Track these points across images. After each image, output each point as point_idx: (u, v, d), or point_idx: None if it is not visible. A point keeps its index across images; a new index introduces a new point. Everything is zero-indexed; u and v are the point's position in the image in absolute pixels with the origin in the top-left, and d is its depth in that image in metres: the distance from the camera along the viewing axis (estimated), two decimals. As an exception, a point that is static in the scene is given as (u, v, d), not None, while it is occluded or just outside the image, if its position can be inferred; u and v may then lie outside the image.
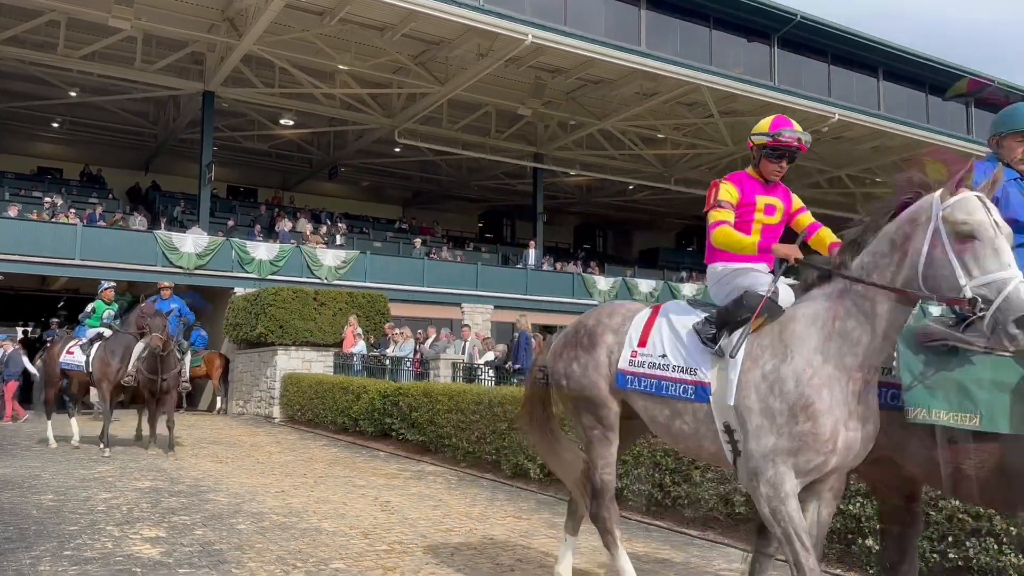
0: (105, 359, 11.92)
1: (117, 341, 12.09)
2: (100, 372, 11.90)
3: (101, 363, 11.92)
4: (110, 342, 12.12)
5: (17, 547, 6.03)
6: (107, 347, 12.05)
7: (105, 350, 12.01)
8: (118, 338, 12.14)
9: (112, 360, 11.86)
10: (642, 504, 7.77)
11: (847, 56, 26.76)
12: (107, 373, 11.83)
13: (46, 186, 25.68)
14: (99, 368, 11.91)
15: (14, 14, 19.28)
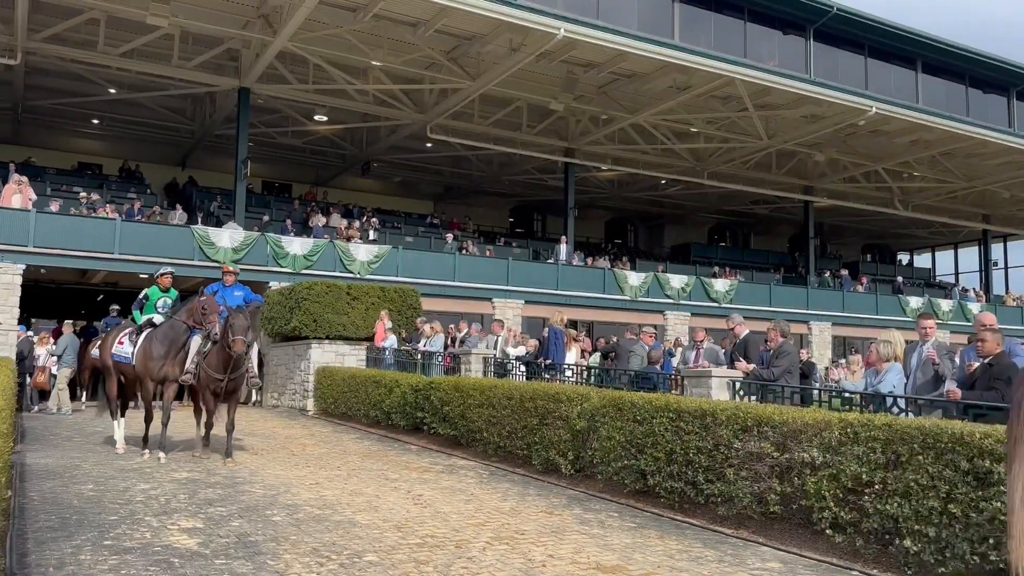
0: (148, 351, 10.52)
1: (165, 332, 10.59)
2: (142, 365, 10.56)
3: (143, 355, 10.56)
4: (157, 332, 10.65)
5: (59, 536, 6.16)
6: (153, 337, 10.59)
7: (150, 341, 10.57)
8: (166, 328, 10.65)
9: (155, 352, 10.45)
10: (675, 501, 7.73)
11: (885, 48, 26.30)
12: (149, 368, 10.47)
13: (86, 182, 26.16)
14: (140, 361, 10.58)
15: (55, 12, 19.65)
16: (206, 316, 10.24)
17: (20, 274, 18.55)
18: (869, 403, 7.89)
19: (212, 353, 10.35)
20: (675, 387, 11.33)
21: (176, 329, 10.58)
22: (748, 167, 30.76)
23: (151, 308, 11.25)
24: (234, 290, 11.55)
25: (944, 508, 5.49)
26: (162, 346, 10.51)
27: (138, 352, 10.65)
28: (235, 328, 9.99)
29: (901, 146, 28.74)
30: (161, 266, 11.94)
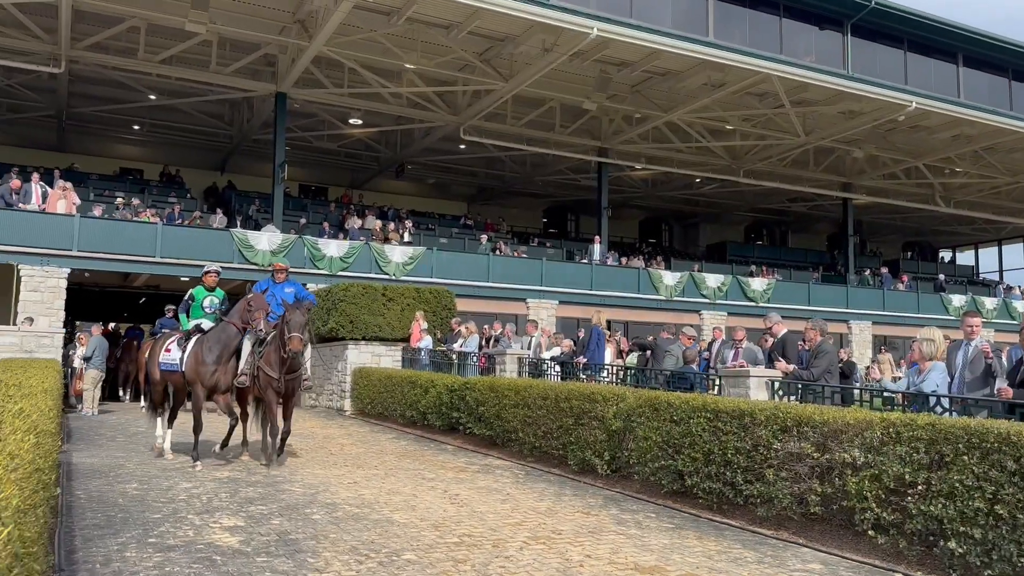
0: (198, 356, 9.91)
1: (215, 336, 10.00)
2: (192, 372, 9.95)
3: (193, 361, 9.96)
4: (207, 336, 10.08)
5: (105, 533, 6.29)
6: (203, 343, 10.03)
7: (201, 346, 9.99)
8: (217, 332, 10.06)
9: (206, 358, 9.84)
10: (713, 502, 7.67)
11: (924, 42, 25.83)
12: (200, 374, 9.84)
13: (127, 187, 26.67)
14: (191, 368, 9.99)
15: (97, 21, 20.08)
16: (251, 314, 9.78)
17: (65, 278, 18.98)
18: (911, 403, 7.76)
19: (269, 352, 9.88)
20: (711, 387, 11.24)
21: (227, 332, 9.96)
22: (785, 164, 30.40)
23: (197, 309, 10.70)
24: (284, 287, 11.18)
25: (990, 509, 5.39)
26: (213, 351, 9.86)
27: (188, 359, 10.05)
28: (291, 325, 9.46)
29: (942, 141, 28.20)
30: (206, 265, 11.40)
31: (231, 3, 19.44)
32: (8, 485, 2.23)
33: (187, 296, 10.83)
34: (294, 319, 9.47)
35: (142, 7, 19.18)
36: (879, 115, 24.67)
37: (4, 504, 2.03)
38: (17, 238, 18.48)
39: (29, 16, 19.42)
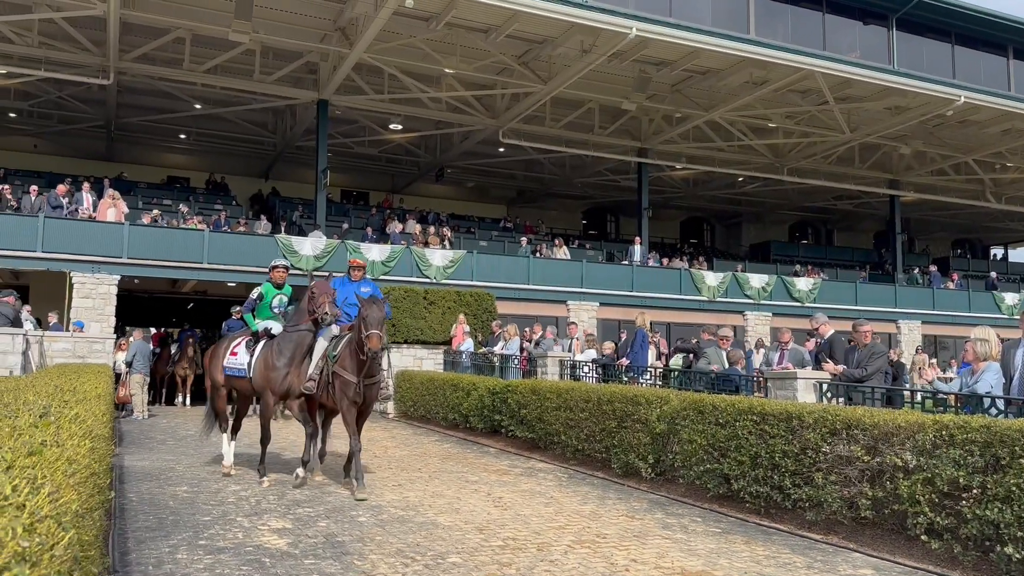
0: (268, 361, 8.94)
1: (286, 336, 9.01)
2: (261, 377, 9.00)
3: (263, 365, 9.00)
4: (279, 339, 9.06)
5: (157, 536, 6.42)
6: (273, 346, 9.03)
7: (271, 349, 9.01)
8: (288, 334, 9.02)
9: (277, 361, 8.86)
10: (761, 506, 7.57)
11: (972, 35, 25.26)
12: (270, 380, 8.89)
13: (175, 194, 27.25)
14: (259, 372, 9.03)
15: (144, 33, 20.56)
16: (315, 300, 8.77)
17: (115, 284, 19.43)
18: (965, 404, 7.57)
19: (344, 354, 8.72)
20: (757, 389, 11.09)
21: (298, 331, 8.95)
22: (830, 162, 29.93)
23: (265, 310, 9.57)
24: (360, 286, 9.88)
25: (1050, 514, 5.23)
26: (285, 353, 8.88)
27: (256, 362, 9.09)
28: (369, 321, 8.26)
29: (992, 136, 27.52)
30: (275, 259, 10.10)
31: (274, 13, 19.76)
32: (68, 490, 2.28)
33: (254, 295, 9.61)
34: (371, 315, 8.28)
35: (187, 18, 19.61)
36: (926, 110, 24.15)
37: (64, 509, 2.08)
38: (70, 246, 18.97)
39: (79, 30, 19.97)
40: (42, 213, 19.25)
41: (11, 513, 1.78)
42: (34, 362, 15.10)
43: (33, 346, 15.37)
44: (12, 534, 1.66)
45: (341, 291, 9.51)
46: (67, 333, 18.04)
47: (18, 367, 13.94)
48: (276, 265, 9.84)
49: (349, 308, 9.36)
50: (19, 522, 1.72)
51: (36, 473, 2.27)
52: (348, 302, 9.45)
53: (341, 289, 9.59)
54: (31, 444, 2.71)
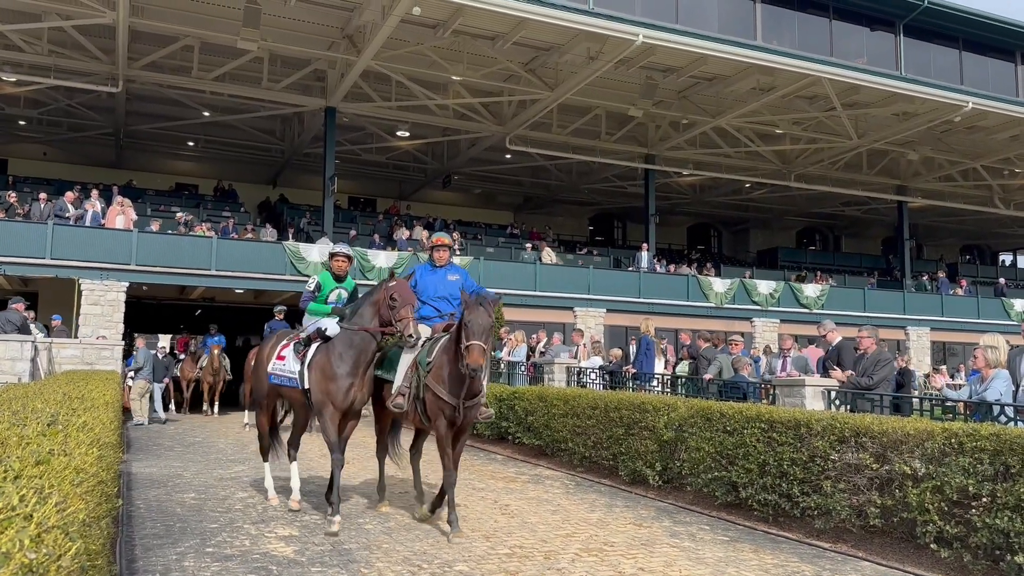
0: (327, 369, 7.34)
1: (347, 339, 7.39)
2: (320, 389, 7.36)
3: (321, 375, 7.38)
4: (337, 342, 7.44)
5: (164, 543, 6.43)
6: (331, 350, 7.43)
7: (328, 354, 7.42)
8: (348, 335, 7.41)
9: (338, 370, 7.27)
10: (769, 514, 7.54)
11: (980, 41, 25.17)
12: (331, 392, 7.26)
13: (183, 201, 27.35)
14: (318, 383, 7.39)
15: (152, 41, 20.67)
16: (395, 310, 7.10)
17: (124, 291, 19.49)
18: (974, 412, 7.53)
19: (439, 366, 7.06)
20: (764, 396, 11.04)
21: (360, 335, 7.35)
22: (837, 168, 29.85)
23: (321, 304, 7.97)
24: (447, 272, 8.12)
25: (1061, 524, 5.19)
26: (346, 359, 7.30)
27: (312, 370, 7.45)
28: (473, 328, 6.63)
29: (1000, 142, 27.42)
30: (338, 244, 8.50)
31: (281, 21, 19.84)
32: (75, 500, 2.29)
33: (311, 285, 8.05)
34: (476, 320, 6.63)
35: (196, 26, 19.70)
36: (934, 116, 24.09)
37: (71, 519, 2.09)
38: (78, 253, 19.05)
39: (88, 38, 20.09)
40: (51, 220, 19.34)
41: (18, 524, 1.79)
42: (42, 369, 15.16)
43: (41, 352, 15.43)
44: (19, 545, 1.66)
45: (425, 281, 8.03)
46: (76, 340, 18.10)
47: (27, 374, 14.00)
48: (337, 253, 8.15)
49: (437, 302, 7.91)
50: (26, 533, 1.72)
51: (44, 483, 2.28)
52: (435, 295, 7.93)
53: (424, 279, 8.05)
54: (39, 453, 2.72)
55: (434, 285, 8.02)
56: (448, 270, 8.17)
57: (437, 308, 7.95)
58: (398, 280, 7.45)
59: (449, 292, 7.97)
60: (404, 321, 7.03)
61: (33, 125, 27.13)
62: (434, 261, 8.22)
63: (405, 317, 7.03)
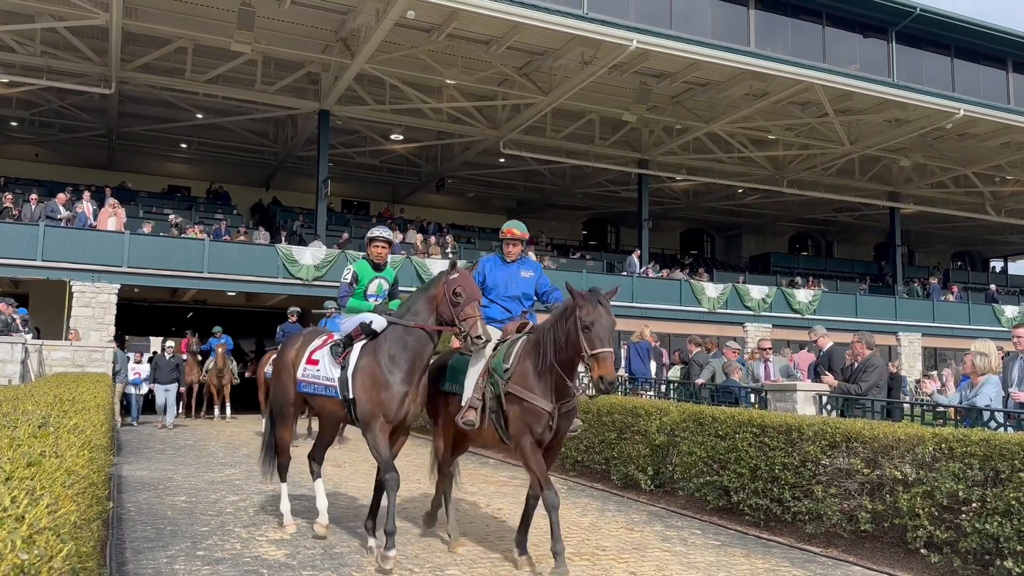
0: (376, 375, 6.14)
1: (397, 340, 6.20)
2: (370, 399, 6.13)
3: (370, 382, 6.15)
4: (387, 342, 6.23)
5: (154, 546, 6.40)
6: (378, 351, 6.24)
7: (376, 356, 6.22)
8: (400, 334, 6.21)
9: (390, 376, 6.10)
10: (760, 519, 7.55)
11: (972, 48, 25.36)
12: (383, 402, 6.08)
13: (176, 204, 27.28)
14: (367, 391, 6.16)
15: (146, 43, 20.64)
16: (458, 307, 5.96)
17: (115, 293, 19.42)
18: (964, 417, 7.57)
19: (524, 368, 5.90)
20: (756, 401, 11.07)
21: (413, 334, 6.18)
22: (830, 174, 29.98)
23: (359, 297, 6.83)
24: (520, 268, 7.00)
25: (1050, 529, 5.22)
26: (400, 363, 6.13)
27: (358, 376, 6.23)
28: (597, 331, 5.47)
29: (992, 149, 27.59)
30: (376, 228, 7.10)
31: (275, 23, 19.83)
32: (66, 502, 2.28)
33: (347, 276, 6.83)
34: (599, 321, 5.49)
35: (189, 28, 19.68)
36: (926, 123, 24.23)
37: (63, 521, 2.08)
38: (70, 255, 18.98)
39: (81, 39, 20.04)
40: (42, 222, 19.27)
41: (10, 525, 1.79)
42: (33, 371, 15.09)
43: (32, 355, 15.36)
44: (11, 546, 1.66)
45: (495, 278, 6.90)
46: (66, 342, 18.03)
47: (17, 376, 13.94)
48: (375, 237, 6.92)
49: (507, 302, 6.83)
50: (18, 534, 1.72)
51: (35, 484, 2.28)
52: (505, 294, 6.87)
53: (493, 275, 6.92)
54: (30, 455, 2.71)
55: (505, 282, 6.87)
56: (521, 265, 6.99)
57: (507, 309, 6.76)
58: (461, 271, 6.20)
59: (522, 291, 6.88)
60: (470, 321, 5.88)
61: (25, 126, 27.04)
62: (505, 255, 7.03)
63: (471, 316, 5.90)
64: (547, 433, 5.89)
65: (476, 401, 6.10)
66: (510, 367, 5.97)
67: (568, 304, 5.76)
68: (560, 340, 5.72)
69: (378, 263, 6.94)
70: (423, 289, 6.43)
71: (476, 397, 6.11)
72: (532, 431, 5.83)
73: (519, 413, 5.86)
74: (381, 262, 6.95)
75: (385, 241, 6.95)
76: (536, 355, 5.87)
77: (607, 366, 5.39)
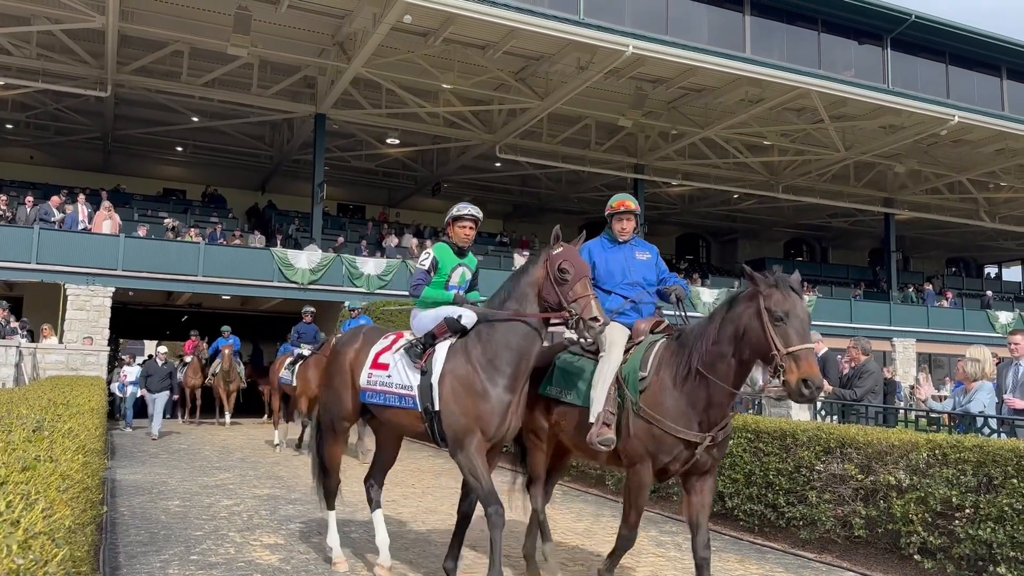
0: (473, 381, 5.08)
1: (497, 338, 5.14)
2: (465, 412, 5.05)
3: (465, 391, 5.07)
4: (480, 340, 5.21)
5: (148, 550, 6.39)
6: (472, 352, 5.18)
7: (470, 358, 5.17)
8: (500, 331, 5.15)
9: (489, 384, 5.05)
10: (755, 524, 7.56)
11: (966, 55, 25.46)
12: (482, 415, 5.03)
13: (171, 207, 27.25)
14: (460, 402, 5.08)
15: (142, 46, 20.62)
16: (566, 285, 4.88)
17: (110, 296, 19.37)
18: (958, 423, 7.59)
19: (665, 381, 4.86)
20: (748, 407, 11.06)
21: (515, 330, 5.09)
22: (825, 179, 30.06)
23: (439, 289, 5.70)
24: (635, 249, 5.81)
25: (1043, 535, 5.23)
26: (501, 366, 5.04)
27: (446, 383, 5.12)
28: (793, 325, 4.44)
29: (986, 155, 27.70)
30: (458, 205, 5.91)
31: (272, 27, 19.83)
32: (61, 506, 2.28)
33: (426, 262, 5.71)
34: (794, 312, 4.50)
35: (186, 32, 19.67)
36: (920, 129, 24.32)
37: (58, 525, 2.08)
38: (64, 258, 18.93)
39: (77, 42, 20.01)
40: (37, 224, 19.23)
41: (5, 530, 1.79)
42: (27, 374, 15.05)
43: (26, 358, 15.32)
44: (7, 551, 1.66)
45: (607, 263, 5.68)
46: (61, 345, 17.99)
47: (11, 379, 13.91)
48: (463, 215, 5.77)
49: (626, 289, 5.58)
50: (14, 539, 1.72)
51: (30, 489, 2.28)
52: (623, 281, 5.61)
53: (605, 259, 5.72)
54: (25, 459, 2.71)
55: (620, 267, 5.65)
56: (635, 246, 5.83)
57: (629, 298, 5.55)
58: (565, 245, 5.19)
59: (642, 276, 5.64)
60: (582, 301, 4.78)
61: (20, 129, 26.98)
62: (615, 234, 5.87)
63: (584, 295, 4.80)
64: (676, 465, 4.81)
65: (611, 416, 4.93)
66: (647, 376, 4.89)
67: (746, 291, 4.73)
68: (730, 338, 4.65)
69: (463, 247, 5.84)
70: (520, 273, 5.36)
71: (611, 411, 4.94)
72: (657, 458, 4.76)
73: (651, 437, 4.77)
74: (466, 245, 5.85)
75: (474, 220, 5.79)
76: (683, 363, 4.78)
77: (811, 366, 4.30)
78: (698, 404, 4.70)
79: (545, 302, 5.01)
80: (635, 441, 4.86)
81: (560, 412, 5.39)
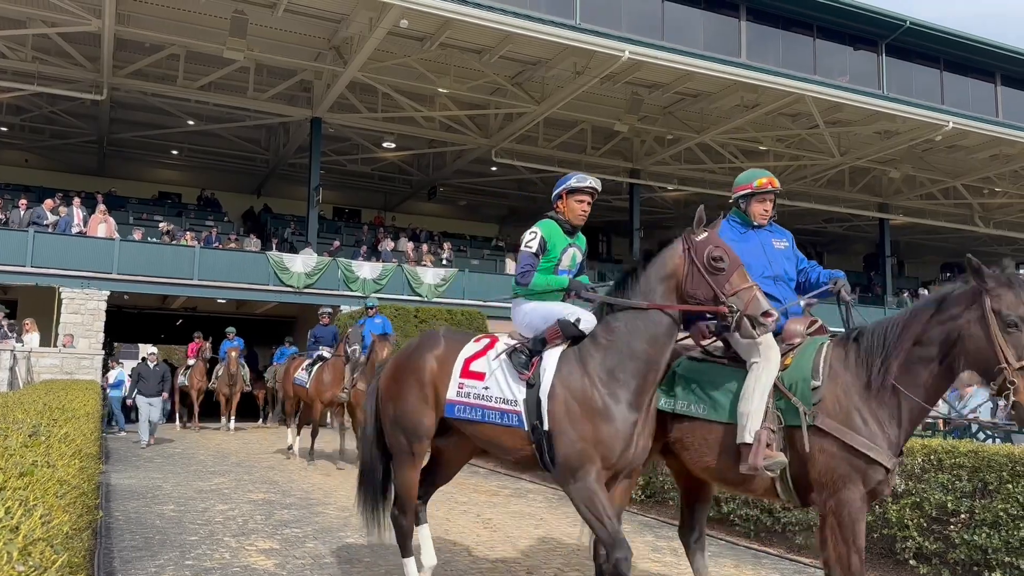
0: (591, 397, 4.17)
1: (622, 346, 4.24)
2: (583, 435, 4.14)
3: (581, 409, 4.16)
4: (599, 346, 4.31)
5: (143, 555, 6.37)
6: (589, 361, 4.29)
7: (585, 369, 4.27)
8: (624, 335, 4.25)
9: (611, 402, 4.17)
10: (751, 530, 7.57)
11: (961, 61, 25.59)
12: (604, 438, 4.14)
13: (166, 210, 27.20)
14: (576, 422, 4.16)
15: (138, 49, 20.60)
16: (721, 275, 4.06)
17: (105, 300, 19.33)
18: (953, 429, 7.62)
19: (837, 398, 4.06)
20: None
21: (646, 333, 4.21)
22: (820, 185, 30.15)
23: (549, 275, 4.79)
24: (772, 236, 4.90)
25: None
26: (625, 379, 4.19)
27: (556, 399, 4.23)
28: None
29: (981, 161, 27.82)
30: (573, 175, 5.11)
31: (268, 31, 19.84)
32: (59, 512, 2.28)
33: (532, 244, 4.78)
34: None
35: (182, 35, 19.66)
36: (915, 135, 24.42)
37: (57, 531, 2.08)
38: (59, 261, 18.90)
39: (73, 45, 19.99)
40: (31, 227, 19.18)
41: (5, 536, 1.79)
42: (21, 378, 15.00)
43: (20, 362, 15.27)
44: (8, 558, 1.66)
45: (740, 249, 4.34)
46: (55, 349, 17.94)
47: (5, 383, 13.86)
48: (581, 188, 4.91)
49: (766, 283, 4.56)
50: (14, 545, 1.72)
51: (28, 495, 2.27)
52: (762, 274, 4.59)
53: (737, 245, 4.41)
54: (22, 464, 2.70)
55: (758, 258, 4.67)
56: (772, 232, 4.91)
57: (772, 296, 4.52)
58: (708, 231, 4.23)
59: (783, 268, 4.79)
60: (744, 294, 3.97)
61: (15, 131, 26.90)
62: (753, 216, 4.83)
63: (746, 286, 4.00)
64: (885, 487, 4.07)
65: (772, 435, 4.04)
66: (820, 385, 4.08)
67: (965, 289, 3.88)
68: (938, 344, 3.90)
69: (576, 225, 4.91)
70: (652, 261, 4.31)
71: (771, 428, 4.05)
72: (866, 477, 3.92)
73: (840, 461, 3.92)
74: (580, 223, 4.92)
75: (594, 193, 4.94)
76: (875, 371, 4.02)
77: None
78: (888, 421, 3.97)
79: (692, 296, 4.12)
80: (829, 465, 3.94)
81: (684, 429, 4.44)
